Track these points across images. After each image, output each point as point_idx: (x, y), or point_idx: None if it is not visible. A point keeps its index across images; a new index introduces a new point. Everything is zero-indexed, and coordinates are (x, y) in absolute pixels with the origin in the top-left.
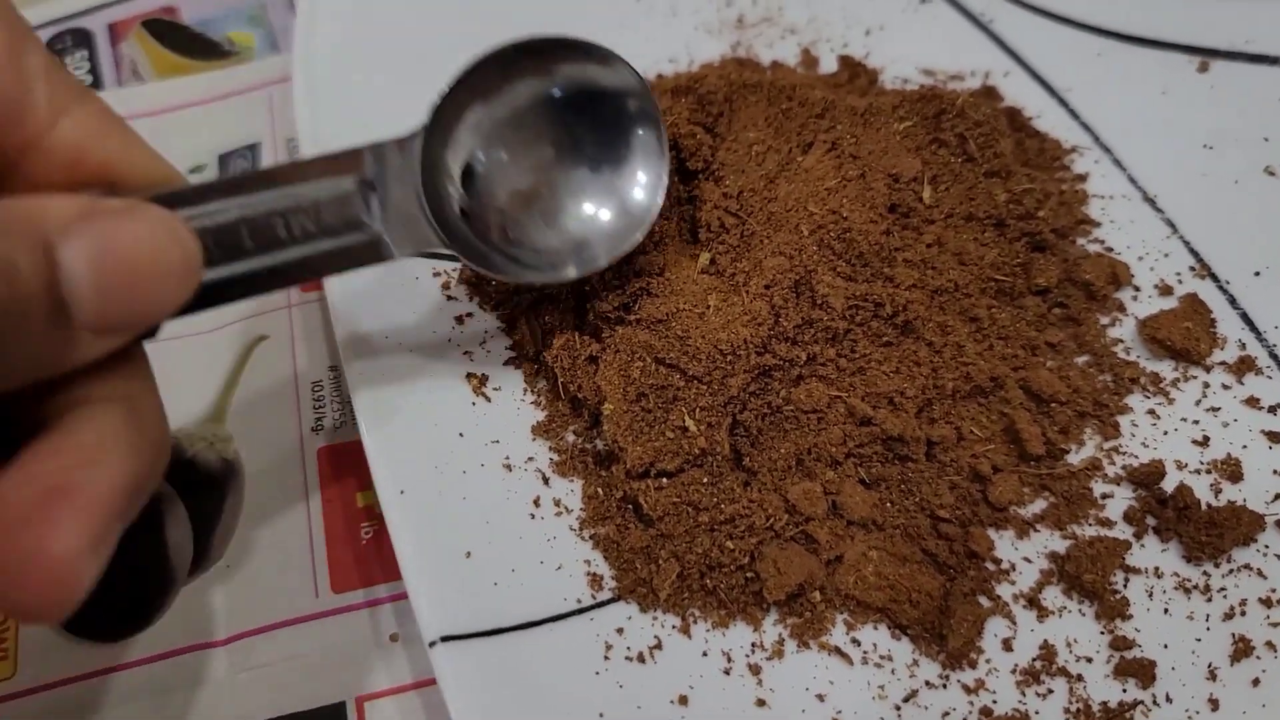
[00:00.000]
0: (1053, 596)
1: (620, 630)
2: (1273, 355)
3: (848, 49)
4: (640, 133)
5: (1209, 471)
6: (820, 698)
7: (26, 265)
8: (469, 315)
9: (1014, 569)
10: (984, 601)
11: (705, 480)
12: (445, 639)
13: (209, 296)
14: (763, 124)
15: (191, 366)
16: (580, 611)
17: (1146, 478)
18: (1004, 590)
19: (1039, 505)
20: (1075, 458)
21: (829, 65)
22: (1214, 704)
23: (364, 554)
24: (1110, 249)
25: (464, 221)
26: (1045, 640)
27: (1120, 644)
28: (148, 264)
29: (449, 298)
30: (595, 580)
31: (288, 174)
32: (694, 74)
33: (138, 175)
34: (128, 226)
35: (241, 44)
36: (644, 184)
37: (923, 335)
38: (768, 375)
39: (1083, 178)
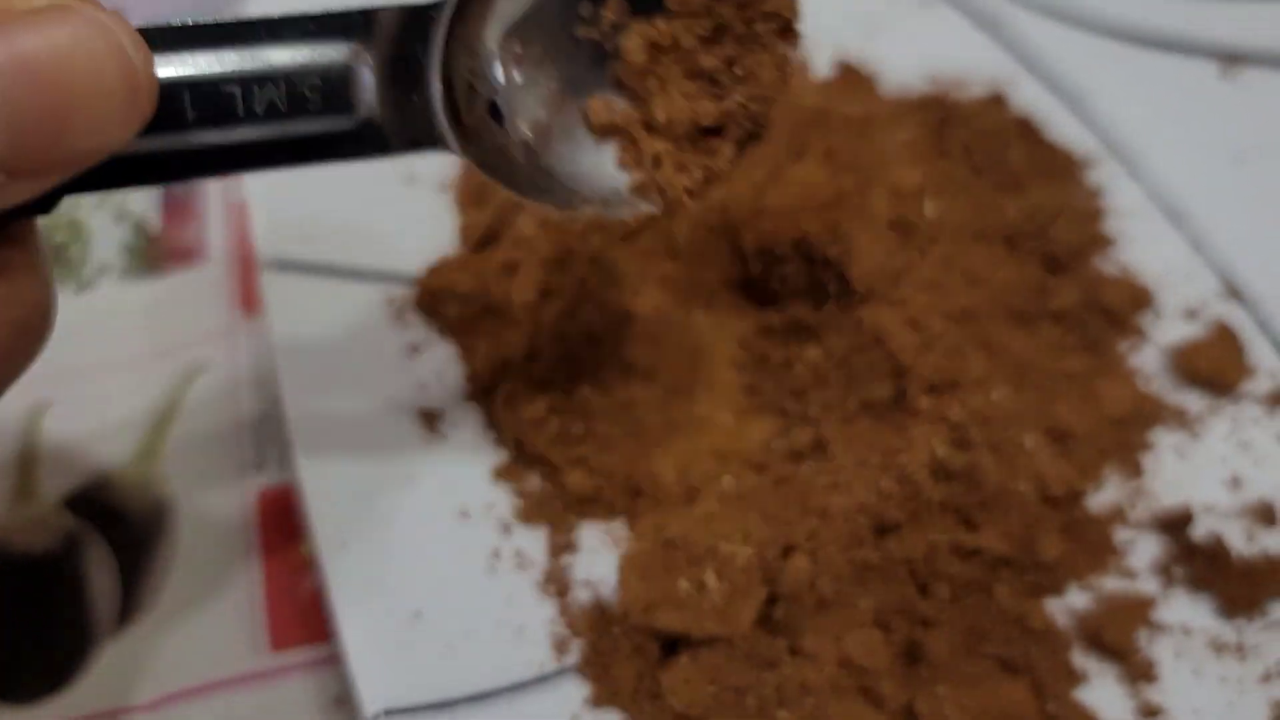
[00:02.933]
0: (1074, 658)
1: (590, 700)
2: None
3: (845, 53)
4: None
5: (1241, 516)
6: None
7: None
8: (424, 345)
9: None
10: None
11: (738, 654)
12: (389, 713)
13: (130, 171)
14: None
15: (122, 398)
16: (543, 680)
17: (1173, 522)
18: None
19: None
20: (1095, 500)
21: (823, 70)
22: None
23: (309, 607)
24: (1130, 269)
25: (490, 119)
26: None
27: (1148, 710)
28: (78, 83)
29: (402, 326)
30: (560, 644)
31: (258, 31)
32: None
33: None
34: (47, 30)
35: None
36: None
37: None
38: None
39: (1099, 192)
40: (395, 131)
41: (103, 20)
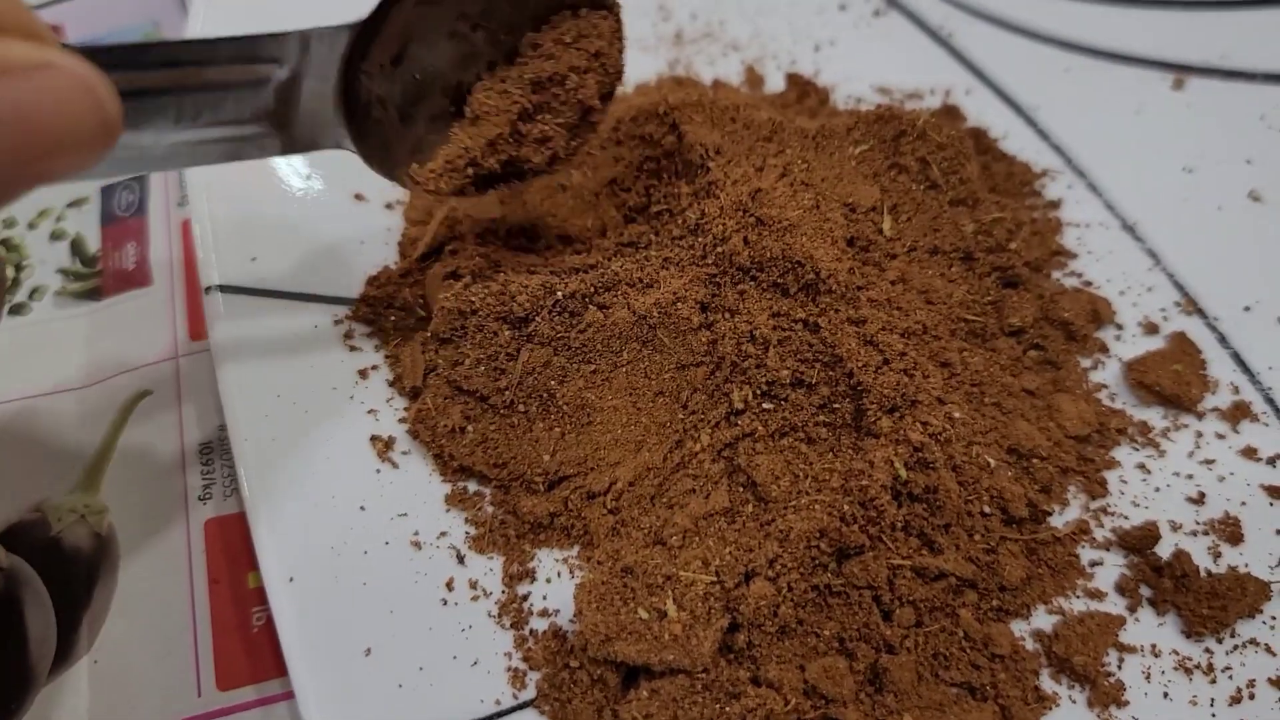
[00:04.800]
0: (1041, 682)
1: None
2: (1269, 400)
3: (796, 66)
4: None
5: (1207, 533)
6: None
7: None
8: (374, 368)
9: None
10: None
11: (699, 685)
12: None
13: None
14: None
15: (61, 426)
16: (500, 715)
17: (1139, 542)
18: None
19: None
20: (1059, 520)
21: (776, 84)
22: None
23: (256, 644)
24: (1089, 283)
25: (375, 123)
26: None
27: None
28: (59, 130)
29: (351, 348)
30: (517, 677)
31: (197, 53)
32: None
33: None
34: (41, 85)
35: None
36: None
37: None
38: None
39: (1056, 204)
40: (299, 136)
41: (84, 73)
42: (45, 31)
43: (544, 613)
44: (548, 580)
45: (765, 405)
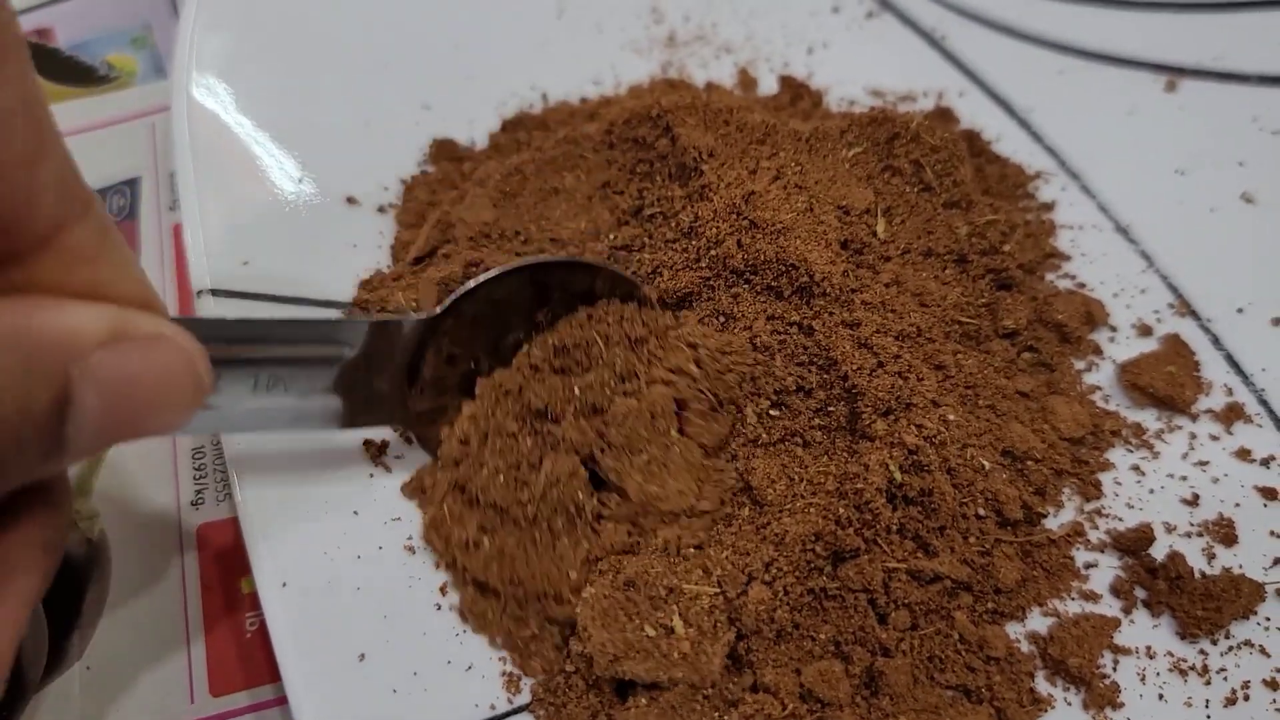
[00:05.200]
0: (1036, 684)
1: None
2: (1262, 401)
3: (788, 68)
4: None
5: (1201, 534)
6: None
7: (41, 397)
8: None
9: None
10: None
11: (698, 693)
12: None
13: None
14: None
15: None
16: None
17: (1133, 544)
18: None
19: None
20: (1054, 522)
21: (769, 86)
22: None
23: (249, 650)
24: (1083, 285)
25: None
26: None
27: None
28: (160, 399)
29: None
30: (512, 682)
31: (282, 332)
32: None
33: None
34: (152, 358)
35: (122, 69)
36: None
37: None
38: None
39: (1049, 206)
40: (351, 413)
41: (188, 350)
42: (158, 302)
43: None
44: None
45: (773, 413)
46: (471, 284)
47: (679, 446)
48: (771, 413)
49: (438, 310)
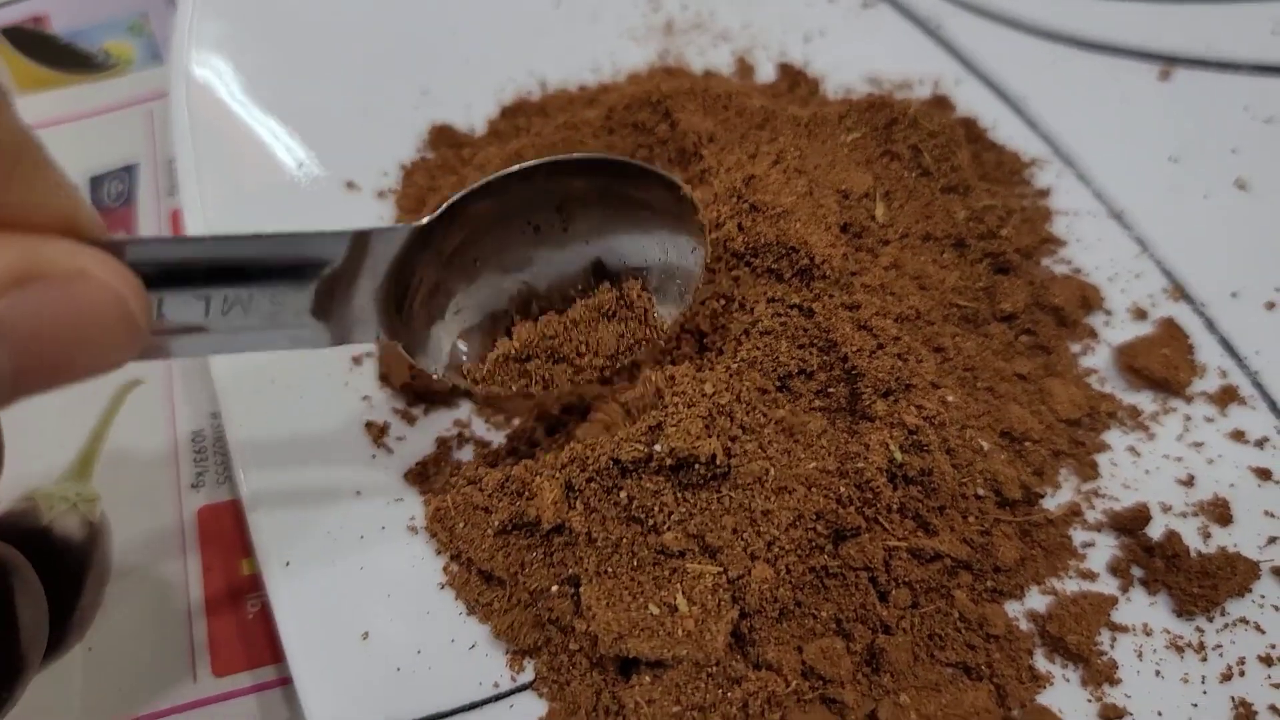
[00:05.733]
0: (1035, 661)
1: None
2: (1256, 384)
3: (785, 56)
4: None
5: (1196, 514)
6: None
7: None
8: (368, 355)
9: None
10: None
11: (701, 671)
12: None
13: None
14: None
15: (51, 414)
16: (499, 698)
17: (1130, 523)
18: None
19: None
20: (1051, 502)
21: (766, 74)
22: None
23: (251, 630)
24: (1079, 270)
25: (419, 317)
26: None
27: (1110, 713)
28: (84, 345)
29: None
30: (515, 660)
31: (250, 248)
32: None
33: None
34: (72, 300)
35: (119, 56)
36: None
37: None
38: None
39: (1045, 192)
40: (335, 332)
41: (113, 287)
42: (86, 220)
43: None
44: None
45: (778, 396)
46: (471, 187)
47: None
48: (777, 396)
49: (435, 215)
